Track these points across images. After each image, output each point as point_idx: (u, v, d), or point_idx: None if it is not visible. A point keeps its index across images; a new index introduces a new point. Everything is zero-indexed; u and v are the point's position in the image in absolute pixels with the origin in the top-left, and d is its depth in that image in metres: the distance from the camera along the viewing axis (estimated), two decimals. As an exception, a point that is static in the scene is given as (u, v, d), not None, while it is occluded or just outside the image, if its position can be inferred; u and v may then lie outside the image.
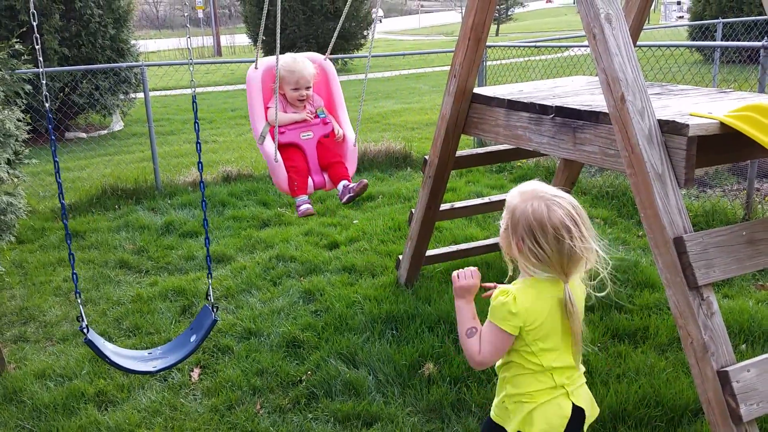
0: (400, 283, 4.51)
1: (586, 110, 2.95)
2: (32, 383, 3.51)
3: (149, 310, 4.33)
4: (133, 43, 11.63)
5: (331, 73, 3.51)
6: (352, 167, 3.39)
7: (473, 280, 2.05)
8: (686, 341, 2.38)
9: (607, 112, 2.66)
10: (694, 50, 14.56)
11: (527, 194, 1.99)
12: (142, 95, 8.14)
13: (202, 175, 3.00)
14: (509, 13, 36.15)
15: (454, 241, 5.30)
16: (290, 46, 20.08)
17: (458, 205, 4.62)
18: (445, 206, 4.40)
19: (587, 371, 3.10)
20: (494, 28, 33.00)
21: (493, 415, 2.12)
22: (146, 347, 3.85)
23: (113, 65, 9.70)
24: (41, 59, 2.57)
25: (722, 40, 10.92)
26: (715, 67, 9.37)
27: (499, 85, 5.52)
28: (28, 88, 5.02)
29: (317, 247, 5.37)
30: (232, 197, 6.76)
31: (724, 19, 11.97)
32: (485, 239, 5.08)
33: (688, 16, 20.24)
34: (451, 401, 3.20)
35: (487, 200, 4.73)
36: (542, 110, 3.22)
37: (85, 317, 2.72)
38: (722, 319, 2.37)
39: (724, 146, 2.67)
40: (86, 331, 2.69)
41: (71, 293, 4.65)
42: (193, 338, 2.92)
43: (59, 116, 9.55)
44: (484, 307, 2.06)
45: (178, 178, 7.50)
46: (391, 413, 3.14)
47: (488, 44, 7.95)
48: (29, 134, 5.11)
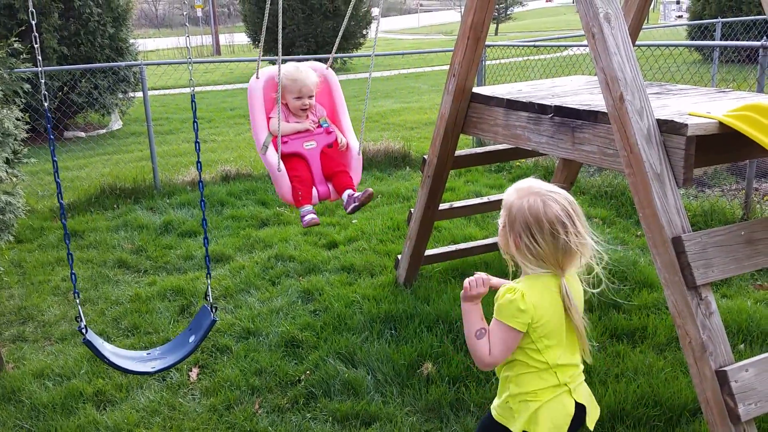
0: (398, 282, 4.51)
1: (584, 110, 2.95)
2: (31, 383, 3.51)
3: (148, 309, 4.33)
4: (132, 42, 11.62)
5: (333, 82, 3.47)
6: (356, 176, 3.34)
7: (484, 288, 2.04)
8: (685, 341, 2.38)
9: (605, 111, 2.66)
10: (693, 50, 14.56)
11: (523, 191, 2.01)
12: (140, 94, 8.13)
13: (201, 174, 2.99)
14: (508, 12, 36.17)
15: (453, 240, 5.30)
16: (289, 45, 20.07)
17: (457, 204, 4.62)
18: (443, 206, 4.40)
19: (586, 371, 3.11)
20: (493, 27, 33.00)
21: (495, 414, 2.11)
22: (145, 347, 3.85)
23: (112, 64, 9.71)
24: (40, 58, 2.57)
25: (721, 39, 10.93)
26: (714, 66, 9.38)
27: (498, 84, 5.53)
28: (26, 87, 5.01)
29: (316, 246, 5.37)
30: (230, 197, 6.76)
31: (723, 18, 11.97)
32: (484, 239, 5.08)
33: (687, 15, 20.24)
34: (449, 401, 3.20)
35: (485, 200, 4.73)
36: (541, 110, 3.22)
37: (83, 317, 2.72)
38: (720, 318, 2.38)
39: (722, 146, 2.68)
40: (85, 331, 2.68)
41: (70, 293, 4.65)
42: (191, 339, 2.92)
43: (58, 115, 9.54)
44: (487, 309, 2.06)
45: (176, 177, 7.49)
46: (389, 413, 3.14)
47: (487, 43, 7.96)
48: (28, 133, 5.10)
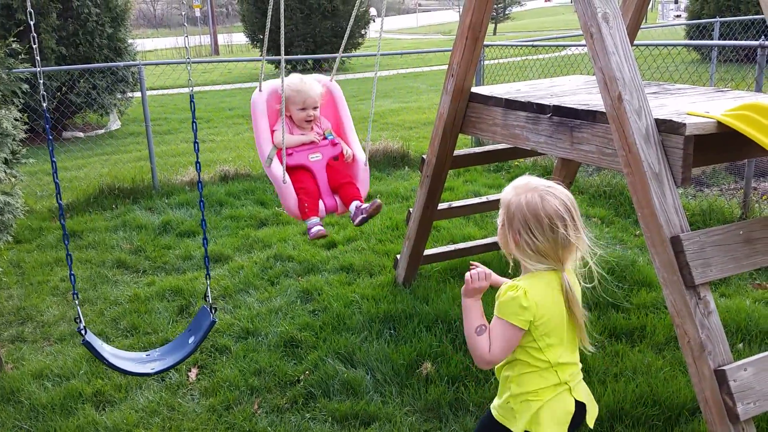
0: (398, 282, 4.51)
1: (583, 109, 2.96)
2: (30, 383, 3.51)
3: (146, 309, 4.33)
4: (130, 42, 11.60)
5: (338, 94, 3.44)
6: (364, 188, 3.30)
7: (485, 282, 2.04)
8: (683, 340, 2.39)
9: (604, 111, 2.66)
10: (691, 49, 14.57)
11: (521, 188, 2.02)
12: (139, 94, 8.12)
13: (200, 174, 2.99)
14: (507, 12, 36.16)
15: (452, 240, 5.30)
16: (288, 45, 20.06)
17: (456, 204, 4.62)
18: (442, 205, 4.40)
19: (585, 369, 3.11)
20: (492, 27, 33.00)
21: (496, 415, 2.10)
22: (144, 347, 3.85)
23: (111, 64, 9.71)
24: (38, 58, 2.56)
25: (719, 39, 10.93)
26: (712, 66, 9.40)
27: (496, 84, 5.52)
28: (25, 87, 5.00)
29: (315, 246, 5.37)
30: (229, 197, 6.76)
31: (721, 18, 11.98)
32: (483, 238, 5.09)
33: (685, 15, 20.25)
34: (448, 400, 3.20)
35: (484, 199, 4.73)
36: (539, 109, 3.22)
37: (82, 318, 2.72)
38: (719, 318, 2.38)
39: (721, 145, 2.68)
40: (84, 332, 2.68)
41: (69, 293, 4.65)
42: (191, 340, 2.91)
43: (56, 115, 9.53)
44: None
45: (175, 177, 7.49)
46: (388, 413, 3.15)
47: (486, 43, 7.96)
48: (26, 134, 5.10)
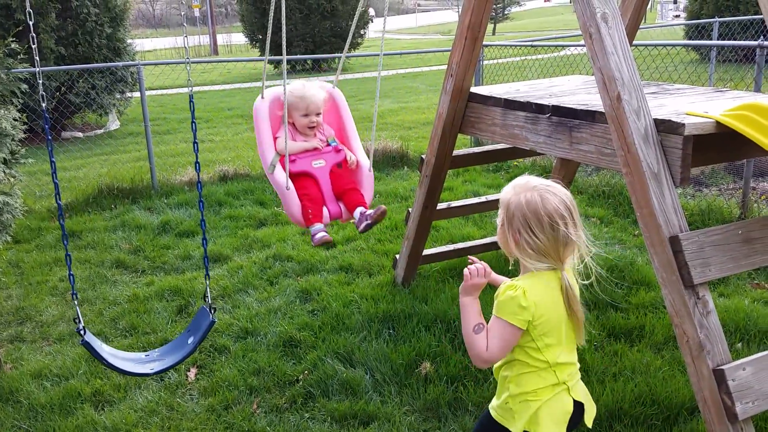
0: (397, 282, 4.51)
1: (582, 109, 2.96)
2: (29, 383, 3.50)
3: (145, 309, 4.33)
4: (129, 42, 11.60)
5: (341, 101, 3.41)
6: (368, 194, 3.26)
7: (484, 279, 2.04)
8: (682, 340, 2.39)
9: (603, 111, 2.66)
10: (690, 49, 14.58)
11: (520, 187, 2.01)
12: (138, 94, 8.12)
13: (199, 175, 2.98)
14: (506, 12, 36.17)
15: (451, 240, 5.30)
16: (287, 44, 20.02)
17: (455, 204, 4.63)
18: (442, 205, 4.40)
19: (584, 370, 3.11)
20: (491, 27, 33.01)
21: (495, 415, 2.10)
22: (143, 347, 3.86)
23: (110, 64, 9.71)
24: (37, 58, 2.56)
25: (718, 39, 10.94)
26: (711, 66, 9.40)
27: (495, 84, 5.53)
28: (24, 87, 5.00)
29: (314, 246, 5.36)
30: (228, 197, 6.76)
31: (720, 18, 11.98)
32: (482, 238, 5.09)
33: (684, 15, 20.27)
34: (447, 400, 3.20)
35: (483, 199, 4.73)
36: (539, 109, 3.22)
37: (82, 319, 2.72)
38: (718, 317, 2.38)
39: (720, 145, 2.68)
40: (83, 333, 2.68)
41: (68, 293, 4.65)
42: (190, 340, 2.91)
43: (55, 116, 9.53)
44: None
45: (174, 177, 7.49)
46: (387, 412, 3.15)
47: (485, 43, 7.96)
48: (25, 134, 5.09)
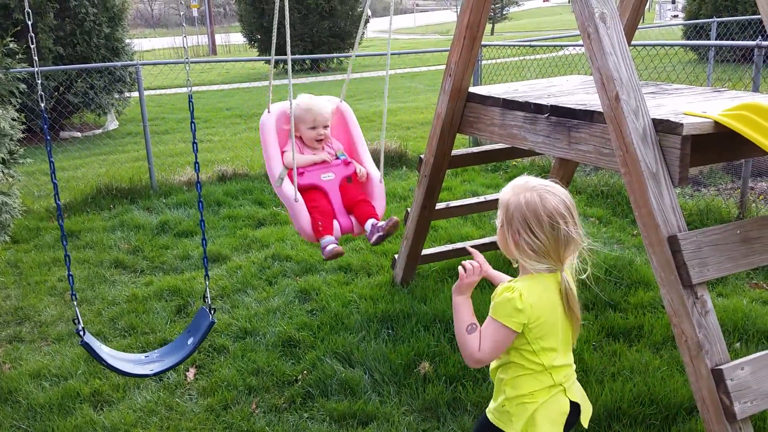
0: (395, 282, 4.51)
1: (581, 109, 2.96)
2: (27, 383, 3.50)
3: (144, 309, 4.33)
4: (127, 41, 11.59)
5: (348, 115, 3.37)
6: (380, 205, 3.16)
7: (478, 276, 2.04)
8: (681, 339, 2.39)
9: (601, 111, 2.66)
10: (688, 49, 14.59)
11: (519, 187, 2.00)
12: (136, 94, 8.12)
13: (198, 175, 2.98)
14: (504, 12, 36.19)
15: (449, 240, 5.30)
16: (285, 44, 20.00)
17: (454, 204, 4.63)
18: (440, 205, 4.41)
19: (583, 370, 3.12)
20: (489, 27, 33.02)
21: (492, 419, 2.09)
22: (142, 347, 3.86)
23: (108, 64, 9.70)
24: (36, 58, 2.56)
25: (717, 39, 10.94)
26: (709, 66, 9.40)
27: (494, 84, 5.53)
28: (22, 87, 5.00)
29: (313, 246, 5.36)
30: (227, 196, 6.75)
31: (718, 18, 11.99)
32: (481, 238, 5.09)
33: (682, 15, 20.28)
34: (446, 400, 3.20)
35: (482, 199, 4.74)
36: (537, 109, 3.22)
37: (81, 320, 2.72)
38: (716, 317, 2.39)
39: (718, 145, 2.69)
40: (83, 334, 2.68)
41: (66, 293, 4.64)
42: (190, 341, 2.91)
43: (54, 115, 9.52)
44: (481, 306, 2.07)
45: (173, 177, 7.48)
46: (386, 412, 3.15)
47: (483, 43, 7.97)
48: (24, 134, 5.10)
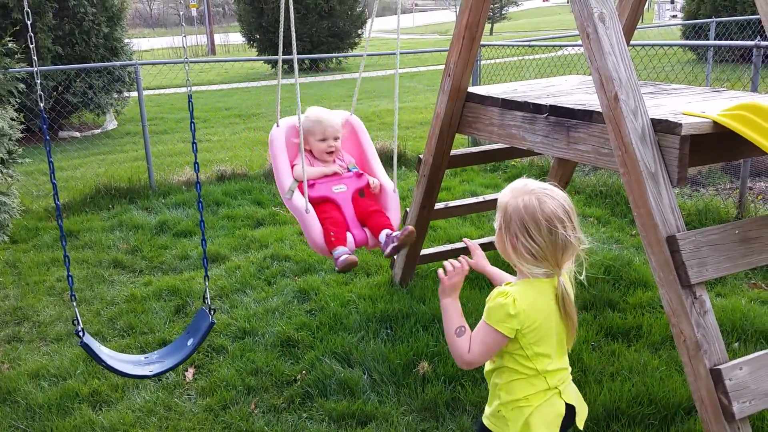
0: (394, 282, 4.51)
1: (579, 109, 2.96)
2: (26, 383, 3.50)
3: (143, 309, 4.32)
4: (126, 41, 11.60)
5: (359, 128, 3.32)
6: (395, 215, 3.09)
7: (461, 276, 2.03)
8: (679, 339, 2.39)
9: (600, 111, 2.66)
10: (687, 49, 14.59)
11: (518, 190, 1.98)
12: (135, 94, 8.11)
13: (198, 175, 2.96)
14: (503, 12, 36.20)
15: (448, 240, 5.31)
16: (285, 44, 20.00)
17: (452, 204, 4.63)
18: (439, 205, 4.41)
19: (581, 370, 3.12)
20: (488, 27, 33.02)
21: (489, 425, 2.08)
22: (140, 347, 3.85)
23: (107, 64, 9.69)
24: (35, 58, 2.55)
25: (715, 39, 10.95)
26: (708, 66, 9.41)
27: (493, 84, 5.53)
28: (21, 86, 5.00)
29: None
30: (226, 196, 6.75)
31: (717, 18, 12.00)
32: (480, 238, 5.09)
33: (681, 15, 20.29)
34: (445, 400, 3.21)
35: (481, 199, 4.74)
36: (536, 109, 3.22)
37: (80, 320, 2.71)
38: (715, 317, 2.39)
39: (716, 145, 2.69)
40: (82, 334, 2.67)
41: (65, 293, 4.64)
42: (189, 342, 2.90)
43: (53, 115, 9.50)
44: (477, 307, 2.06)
45: (172, 177, 7.48)
46: (385, 412, 3.15)
47: (482, 43, 7.97)
48: (23, 133, 5.10)
